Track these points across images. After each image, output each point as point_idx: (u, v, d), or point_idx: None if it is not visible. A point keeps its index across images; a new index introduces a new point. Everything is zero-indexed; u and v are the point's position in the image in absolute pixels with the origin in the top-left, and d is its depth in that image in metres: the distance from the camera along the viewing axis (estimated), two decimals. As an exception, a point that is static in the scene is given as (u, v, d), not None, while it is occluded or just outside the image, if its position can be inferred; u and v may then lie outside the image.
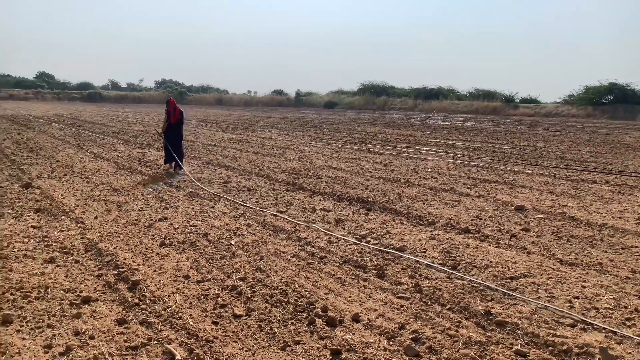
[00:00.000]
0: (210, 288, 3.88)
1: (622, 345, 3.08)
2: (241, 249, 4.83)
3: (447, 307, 3.60)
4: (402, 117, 34.81)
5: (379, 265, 4.43)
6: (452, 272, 4.26)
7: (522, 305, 3.65)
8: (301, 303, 3.62)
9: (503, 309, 3.57)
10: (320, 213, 6.32)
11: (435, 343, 3.08)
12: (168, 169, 9.58)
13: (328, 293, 3.83)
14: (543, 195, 7.66)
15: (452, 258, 4.64)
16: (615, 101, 38.62)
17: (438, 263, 4.51)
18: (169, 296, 3.71)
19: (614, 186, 8.51)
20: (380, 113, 43.43)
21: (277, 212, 6.27)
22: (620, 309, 3.58)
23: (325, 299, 3.70)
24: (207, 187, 7.83)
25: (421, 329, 3.25)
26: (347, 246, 4.99)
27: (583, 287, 3.98)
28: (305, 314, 3.45)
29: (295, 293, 3.80)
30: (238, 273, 4.19)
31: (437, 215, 6.24)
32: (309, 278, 4.12)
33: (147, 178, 8.72)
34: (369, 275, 4.22)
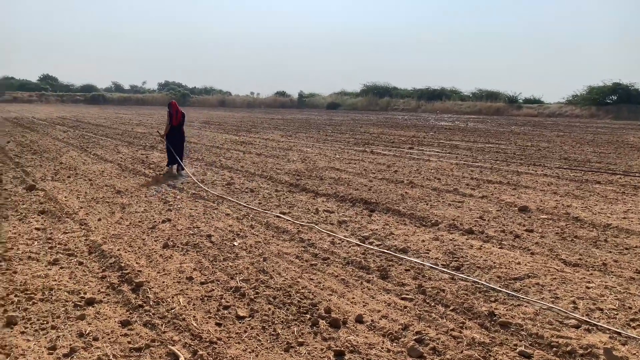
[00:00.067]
0: (213, 289, 3.88)
1: (627, 346, 3.07)
2: (244, 251, 4.83)
3: (451, 308, 3.60)
4: (405, 118, 34.78)
5: (382, 266, 4.42)
6: (456, 274, 4.25)
7: (526, 306, 3.63)
8: (304, 304, 3.62)
9: (507, 310, 3.56)
10: (323, 214, 6.32)
11: (439, 344, 3.08)
12: (170, 171, 9.61)
13: (331, 294, 3.83)
14: (547, 195, 7.64)
15: (456, 259, 4.63)
16: (619, 101, 38.49)
17: (441, 264, 4.50)
18: (173, 298, 3.71)
19: (618, 186, 8.48)
20: (383, 114, 43.41)
21: (280, 214, 6.28)
22: (624, 310, 3.57)
23: (328, 300, 3.70)
24: (210, 189, 7.84)
25: (425, 330, 3.24)
26: (350, 247, 4.99)
27: (587, 288, 3.96)
28: (308, 315, 3.45)
29: (298, 294, 3.80)
30: (241, 274, 4.20)
31: (441, 216, 6.23)
32: (312, 279, 4.12)
33: (151, 180, 8.74)
34: (372, 276, 4.22)
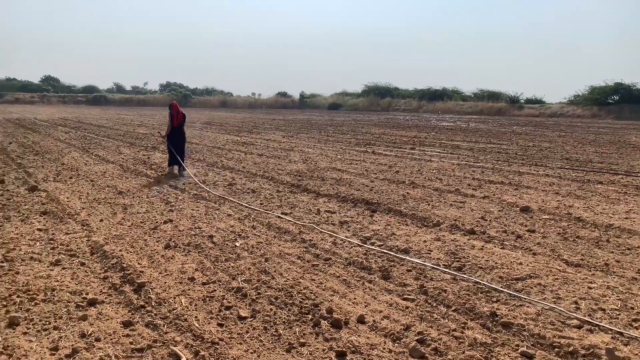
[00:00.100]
0: (215, 290, 3.88)
1: (629, 346, 3.06)
2: (246, 251, 4.83)
3: (453, 309, 3.59)
4: (407, 119, 34.77)
5: (384, 266, 4.42)
6: (457, 274, 4.25)
7: (528, 306, 3.63)
8: (306, 305, 3.62)
9: (509, 311, 3.55)
10: (325, 215, 6.33)
11: (440, 345, 3.07)
12: (172, 171, 9.62)
13: (333, 295, 3.83)
14: (549, 196, 7.62)
15: (458, 259, 4.63)
16: (621, 101, 38.41)
17: (443, 264, 4.50)
18: (175, 298, 3.72)
19: (620, 187, 8.47)
20: (384, 114, 43.40)
21: (282, 214, 6.28)
22: (626, 310, 3.56)
23: (330, 301, 3.70)
24: (212, 190, 7.85)
25: (426, 331, 3.24)
26: (352, 248, 4.99)
27: (589, 288, 3.95)
28: (310, 316, 3.45)
29: (300, 295, 3.80)
30: (243, 275, 4.20)
31: (442, 216, 6.22)
32: (314, 280, 4.12)
33: (152, 180, 8.75)
34: (374, 276, 4.22)
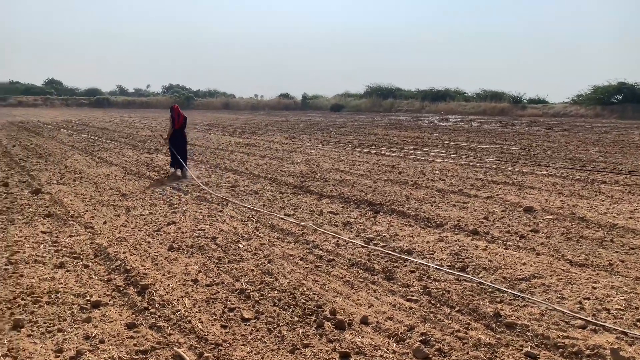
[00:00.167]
0: (218, 292, 3.89)
1: (634, 346, 3.05)
2: (249, 253, 4.84)
3: (456, 309, 3.59)
4: (409, 119, 34.74)
5: (387, 267, 4.42)
6: (461, 274, 4.24)
7: (532, 306, 3.62)
8: (309, 306, 3.63)
9: (512, 311, 3.55)
10: (327, 216, 6.33)
11: (444, 345, 3.07)
12: (175, 173, 9.65)
13: (336, 296, 3.83)
14: (552, 196, 7.60)
15: (461, 260, 4.62)
16: (624, 101, 38.21)
17: (447, 265, 4.49)
18: (178, 300, 3.73)
19: (624, 186, 8.43)
20: (387, 115, 43.38)
21: (285, 216, 6.29)
22: (631, 310, 3.54)
23: (333, 302, 3.70)
24: (215, 191, 7.86)
25: (430, 332, 3.24)
26: (355, 249, 4.98)
27: (593, 288, 3.94)
28: (313, 317, 3.45)
29: (303, 296, 3.80)
30: (246, 276, 4.20)
31: (446, 217, 6.21)
32: (317, 281, 4.12)
33: (155, 183, 8.77)
34: (377, 277, 4.21)
